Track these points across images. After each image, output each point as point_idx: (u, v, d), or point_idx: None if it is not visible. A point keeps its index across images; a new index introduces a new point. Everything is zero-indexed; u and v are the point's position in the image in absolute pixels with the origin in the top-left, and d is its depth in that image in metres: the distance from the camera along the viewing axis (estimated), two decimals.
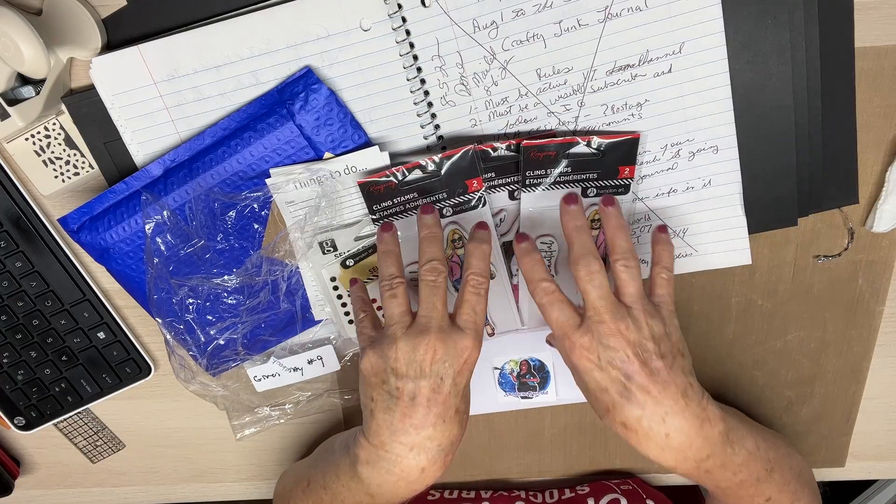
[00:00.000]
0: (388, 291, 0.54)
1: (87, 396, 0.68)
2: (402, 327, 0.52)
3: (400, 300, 0.53)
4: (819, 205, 0.60)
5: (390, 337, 0.52)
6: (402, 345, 0.51)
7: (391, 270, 0.54)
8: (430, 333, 0.51)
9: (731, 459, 0.54)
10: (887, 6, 0.55)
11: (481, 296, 0.53)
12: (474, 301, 0.53)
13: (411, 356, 0.51)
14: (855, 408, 0.71)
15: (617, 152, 0.57)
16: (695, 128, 0.57)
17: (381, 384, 0.52)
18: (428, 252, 0.54)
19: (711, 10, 0.53)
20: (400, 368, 0.51)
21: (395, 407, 0.51)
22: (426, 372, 0.51)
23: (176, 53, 0.54)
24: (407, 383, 0.51)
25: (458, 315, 0.53)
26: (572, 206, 0.54)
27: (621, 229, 0.54)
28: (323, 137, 0.56)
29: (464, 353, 0.51)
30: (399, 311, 0.53)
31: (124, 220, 0.57)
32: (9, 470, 0.74)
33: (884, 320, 0.67)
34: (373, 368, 0.52)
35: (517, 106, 0.56)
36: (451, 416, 0.52)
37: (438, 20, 0.53)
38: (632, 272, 0.52)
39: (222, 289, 0.60)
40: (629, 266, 0.52)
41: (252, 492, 0.78)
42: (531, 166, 0.57)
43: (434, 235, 0.54)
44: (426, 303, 0.52)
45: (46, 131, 0.58)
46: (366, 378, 0.53)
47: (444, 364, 0.51)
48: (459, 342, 0.51)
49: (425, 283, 0.53)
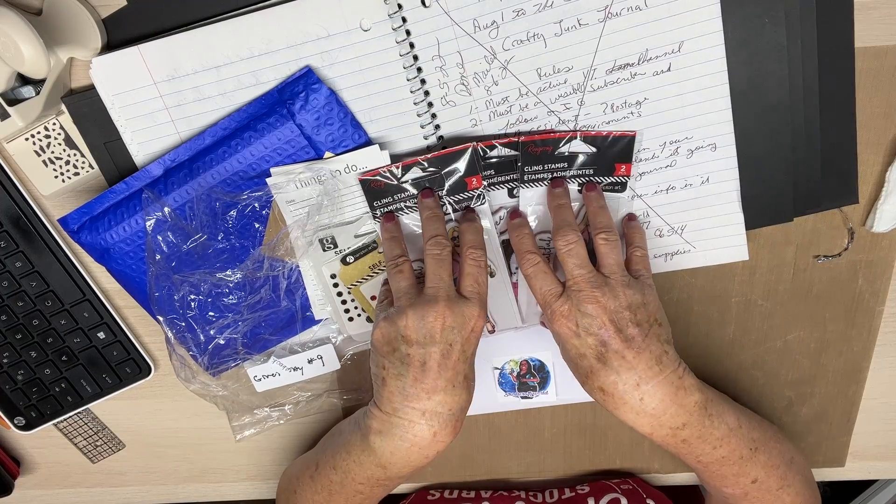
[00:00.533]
0: (394, 269, 0.56)
1: (87, 396, 0.68)
2: (410, 298, 0.54)
3: (406, 275, 0.55)
4: (818, 204, 0.60)
5: (399, 308, 0.54)
6: (412, 313, 0.52)
7: (396, 252, 0.56)
8: (438, 302, 0.52)
9: (710, 432, 0.55)
10: (887, 6, 0.55)
11: (482, 267, 0.55)
12: (476, 272, 0.54)
13: (421, 324, 0.52)
14: (855, 408, 0.71)
15: (613, 149, 0.57)
16: (693, 125, 0.57)
17: (393, 352, 0.53)
18: (431, 228, 0.56)
19: (710, 9, 0.53)
20: (410, 336, 0.52)
21: (406, 373, 0.53)
22: (436, 338, 0.52)
23: (176, 53, 0.54)
24: (418, 349, 0.52)
25: (462, 286, 0.54)
26: (557, 189, 0.57)
27: (602, 209, 0.56)
28: (323, 137, 0.56)
29: (471, 320, 0.53)
30: (406, 284, 0.55)
31: (124, 220, 0.57)
32: (9, 470, 0.74)
33: (884, 320, 0.67)
34: (384, 338, 0.54)
35: (517, 105, 0.56)
36: (460, 382, 0.53)
37: (439, 20, 0.53)
38: (611, 245, 0.55)
39: (224, 285, 0.60)
40: (609, 239, 0.55)
41: (252, 492, 0.78)
42: (529, 162, 0.57)
43: (436, 215, 0.56)
44: (433, 274, 0.54)
45: (46, 131, 0.58)
46: (377, 348, 0.54)
47: (454, 331, 0.52)
48: (466, 310, 0.53)
49: (431, 256, 0.54)
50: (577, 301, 0.53)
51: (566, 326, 0.53)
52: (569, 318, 0.53)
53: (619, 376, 0.53)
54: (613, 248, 0.55)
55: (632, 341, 0.52)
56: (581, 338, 0.53)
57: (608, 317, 0.52)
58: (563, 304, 0.53)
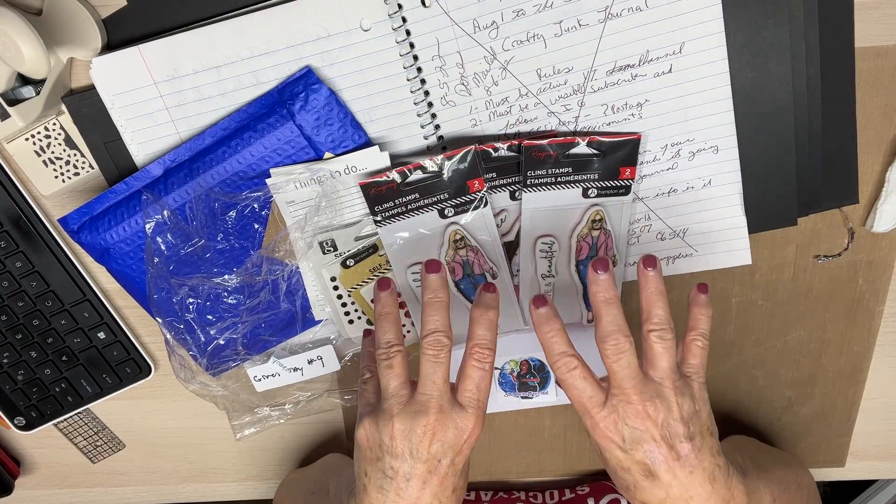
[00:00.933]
0: (384, 361, 0.51)
1: (87, 396, 0.68)
2: (398, 402, 0.50)
3: (397, 371, 0.51)
4: (819, 205, 0.60)
5: (387, 412, 0.50)
6: (399, 423, 0.49)
7: (388, 337, 0.52)
8: (428, 414, 0.49)
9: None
10: (887, 6, 0.55)
11: (486, 371, 0.50)
12: (478, 377, 0.50)
13: (408, 437, 0.49)
14: (855, 408, 0.71)
15: (618, 153, 0.57)
16: (695, 128, 0.57)
17: (376, 461, 0.50)
18: (431, 321, 0.50)
19: (712, 10, 0.53)
20: (395, 448, 0.49)
21: (388, 487, 0.49)
22: (422, 455, 0.49)
23: (176, 53, 0.54)
24: (403, 464, 0.49)
25: (459, 391, 0.50)
26: (601, 276, 0.49)
27: (660, 296, 0.50)
28: (323, 137, 0.56)
29: (464, 433, 0.49)
30: (396, 384, 0.50)
31: (124, 220, 0.57)
32: (9, 470, 0.74)
33: (884, 320, 0.67)
34: (368, 442, 0.50)
35: (517, 106, 0.56)
36: (447, 496, 0.50)
37: (439, 20, 0.53)
38: (666, 345, 0.49)
39: (222, 288, 0.60)
40: (664, 339, 0.49)
41: (252, 492, 0.78)
42: (532, 166, 0.57)
43: (439, 301, 0.51)
44: (426, 379, 0.50)
45: (46, 131, 0.58)
46: (361, 449, 0.51)
47: (443, 445, 0.49)
48: (460, 422, 0.49)
49: (426, 358, 0.50)
50: (623, 414, 0.48)
51: (609, 439, 0.49)
52: (614, 431, 0.49)
53: (669, 494, 0.49)
54: (668, 348, 0.49)
55: (685, 459, 0.48)
56: (627, 453, 0.49)
57: (659, 432, 0.48)
58: (607, 416, 0.49)
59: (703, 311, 0.52)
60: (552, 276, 0.61)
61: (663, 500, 0.49)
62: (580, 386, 0.49)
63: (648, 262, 0.50)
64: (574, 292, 0.62)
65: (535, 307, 0.51)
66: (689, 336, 0.52)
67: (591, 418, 0.49)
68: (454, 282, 0.61)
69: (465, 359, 0.51)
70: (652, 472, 0.49)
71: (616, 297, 0.50)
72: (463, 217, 0.58)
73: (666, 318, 0.49)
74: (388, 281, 0.54)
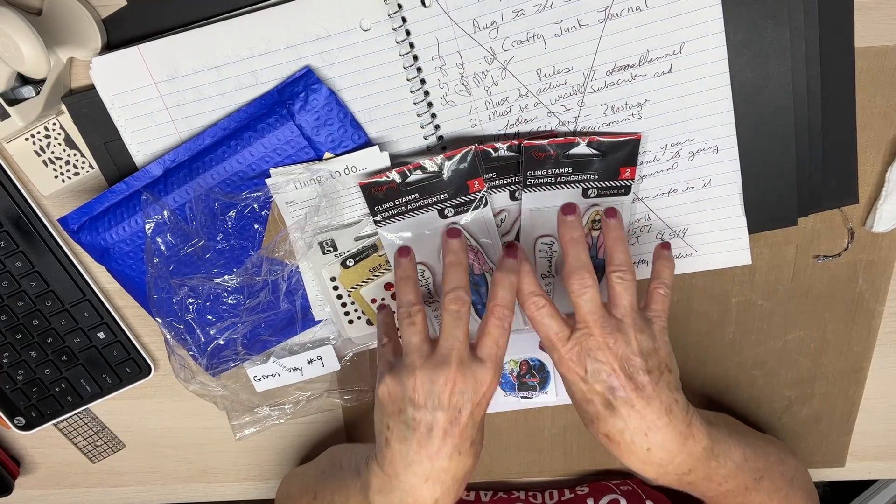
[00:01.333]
0: (406, 319, 0.53)
1: (87, 396, 0.68)
2: (420, 356, 0.51)
3: (419, 327, 0.53)
4: (819, 205, 0.60)
5: (409, 366, 0.51)
6: (421, 375, 0.50)
7: (409, 297, 0.54)
8: (450, 365, 0.50)
9: (716, 472, 0.54)
10: (887, 6, 0.55)
11: (505, 328, 0.52)
12: (497, 334, 0.52)
13: (430, 387, 0.50)
14: (855, 408, 0.71)
15: (618, 153, 0.57)
16: (695, 128, 0.57)
17: (398, 413, 0.51)
18: (453, 279, 0.53)
19: (711, 10, 0.53)
20: (418, 399, 0.50)
21: (411, 437, 0.51)
22: (444, 404, 0.50)
23: (176, 53, 0.54)
24: (425, 414, 0.50)
25: (479, 346, 0.52)
26: (569, 217, 0.54)
27: (621, 241, 0.54)
28: (323, 137, 0.56)
29: (482, 386, 0.51)
30: (418, 339, 0.52)
31: (124, 220, 0.57)
32: (9, 470, 0.74)
33: (884, 320, 0.67)
34: (390, 396, 0.52)
35: (517, 106, 0.56)
36: (466, 449, 0.51)
37: (439, 20, 0.53)
38: (626, 285, 0.53)
39: (222, 289, 0.60)
40: (624, 279, 0.53)
41: (252, 492, 0.78)
42: (532, 166, 0.57)
43: (460, 262, 0.54)
44: (448, 333, 0.51)
45: (46, 131, 0.58)
46: (382, 405, 0.52)
47: (463, 396, 0.50)
48: (479, 375, 0.51)
49: (448, 313, 0.52)
50: (586, 346, 0.51)
51: (574, 371, 0.52)
52: (577, 363, 0.52)
53: (627, 424, 0.51)
54: (628, 288, 0.53)
55: (642, 389, 0.51)
56: (589, 383, 0.52)
57: (619, 364, 0.51)
58: (571, 348, 0.52)
59: (666, 264, 0.56)
60: (552, 276, 0.61)
61: (622, 431, 0.52)
62: (548, 323, 0.53)
63: (610, 213, 0.56)
64: None
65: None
66: (652, 284, 0.56)
67: (557, 352, 0.52)
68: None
69: (486, 317, 0.53)
70: (611, 403, 0.51)
71: (582, 237, 0.54)
72: (463, 217, 0.58)
73: (626, 261, 0.53)
74: (408, 248, 0.56)
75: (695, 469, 0.53)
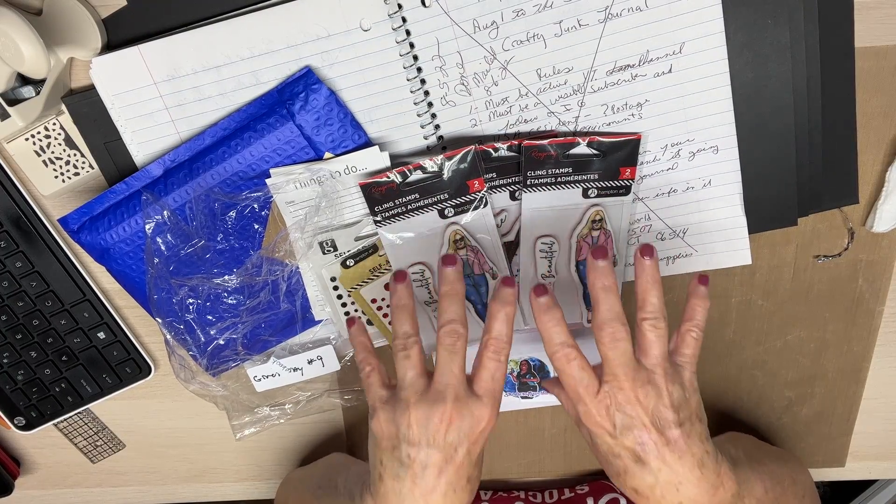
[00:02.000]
0: (401, 352, 0.52)
1: (87, 396, 0.68)
2: (415, 392, 0.50)
3: (414, 362, 0.51)
4: (819, 205, 0.60)
5: (403, 402, 0.50)
6: (416, 412, 0.49)
7: (405, 328, 0.52)
8: (445, 402, 0.49)
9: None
10: (887, 6, 0.55)
11: (501, 362, 0.51)
12: (493, 367, 0.51)
13: (425, 425, 0.49)
14: (855, 408, 0.71)
15: (618, 153, 0.57)
16: (695, 128, 0.57)
17: (392, 449, 0.50)
18: (448, 312, 0.51)
19: (711, 10, 0.53)
20: (413, 437, 0.49)
21: (405, 475, 0.50)
22: (439, 442, 0.49)
23: (176, 53, 0.54)
24: (419, 452, 0.49)
25: (475, 381, 0.51)
26: (600, 263, 0.50)
27: (655, 285, 0.51)
28: (323, 137, 0.56)
29: (480, 423, 0.50)
30: (413, 374, 0.51)
31: (124, 221, 0.57)
32: (9, 470, 0.74)
33: (884, 320, 0.67)
34: (384, 432, 0.51)
35: (517, 106, 0.56)
36: (462, 486, 0.51)
37: (439, 20, 0.53)
38: (659, 333, 0.50)
39: (222, 289, 0.60)
40: (657, 328, 0.50)
41: (252, 492, 0.78)
42: (532, 166, 0.57)
43: (456, 292, 0.52)
44: (443, 368, 0.50)
45: (46, 131, 0.58)
46: (376, 440, 0.52)
47: (459, 434, 0.49)
48: (476, 411, 0.50)
49: (443, 347, 0.51)
50: (616, 400, 0.49)
51: (601, 426, 0.50)
52: (606, 417, 0.50)
53: (658, 479, 0.49)
54: (661, 336, 0.50)
55: (674, 444, 0.49)
56: (617, 438, 0.50)
57: (649, 418, 0.49)
58: (600, 402, 0.50)
59: (701, 304, 0.53)
60: (552, 276, 0.61)
61: (653, 486, 0.50)
62: (577, 375, 0.50)
63: (646, 251, 0.51)
64: (574, 292, 0.62)
65: (536, 296, 0.51)
66: (683, 326, 0.53)
67: (584, 405, 0.50)
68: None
69: (482, 350, 0.51)
70: (641, 458, 0.50)
71: (614, 285, 0.50)
72: (463, 217, 0.58)
73: (659, 307, 0.50)
74: (404, 273, 0.54)
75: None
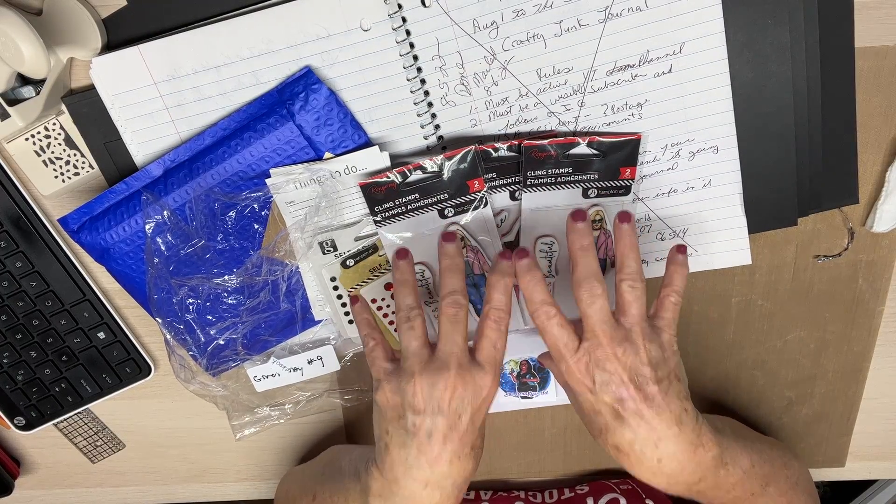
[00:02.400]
0: (405, 323, 0.53)
1: (87, 396, 0.68)
2: (419, 361, 0.51)
3: (418, 332, 0.52)
4: (819, 205, 0.60)
5: (408, 371, 0.51)
6: (421, 380, 0.50)
7: (408, 301, 0.53)
8: (449, 370, 0.50)
9: (725, 480, 0.54)
10: (887, 6, 0.55)
11: (502, 331, 0.52)
12: (495, 337, 0.52)
13: (429, 392, 0.50)
14: (855, 408, 0.71)
15: (618, 153, 0.57)
16: (695, 128, 0.57)
17: (398, 419, 0.51)
18: (449, 283, 0.53)
19: (712, 10, 0.53)
20: (418, 404, 0.50)
21: (411, 443, 0.51)
22: (444, 409, 0.50)
23: (176, 53, 0.54)
24: (425, 420, 0.50)
25: (477, 350, 0.52)
26: (579, 224, 0.53)
27: (633, 248, 0.53)
28: (323, 137, 0.56)
29: (483, 391, 0.51)
30: (417, 344, 0.52)
31: (124, 221, 0.57)
32: (9, 470, 0.74)
33: (884, 320, 0.67)
34: (389, 402, 0.52)
35: (517, 106, 0.56)
36: (466, 454, 0.51)
37: (439, 20, 0.53)
38: (636, 293, 0.51)
39: (222, 289, 0.60)
40: (635, 287, 0.51)
41: (252, 492, 0.78)
42: (532, 166, 0.57)
43: (456, 266, 0.54)
44: (446, 337, 0.51)
45: (46, 131, 0.58)
46: (382, 411, 0.52)
47: (463, 401, 0.50)
48: (479, 379, 0.51)
49: (446, 317, 0.52)
50: (595, 357, 0.50)
51: (582, 383, 0.51)
52: (586, 374, 0.51)
53: (637, 435, 0.50)
54: (638, 297, 0.51)
55: (651, 400, 0.50)
56: (597, 395, 0.51)
57: (628, 374, 0.50)
58: (580, 359, 0.51)
59: (679, 270, 0.54)
60: (552, 276, 0.61)
61: (632, 442, 0.51)
62: (557, 333, 0.51)
63: (623, 217, 0.54)
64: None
65: (518, 258, 0.52)
66: (663, 292, 0.54)
67: (565, 363, 0.51)
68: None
69: (483, 321, 0.52)
70: (621, 414, 0.50)
71: (592, 245, 0.52)
72: (463, 217, 0.58)
73: (637, 269, 0.52)
74: (406, 251, 0.56)
75: (704, 478, 0.53)
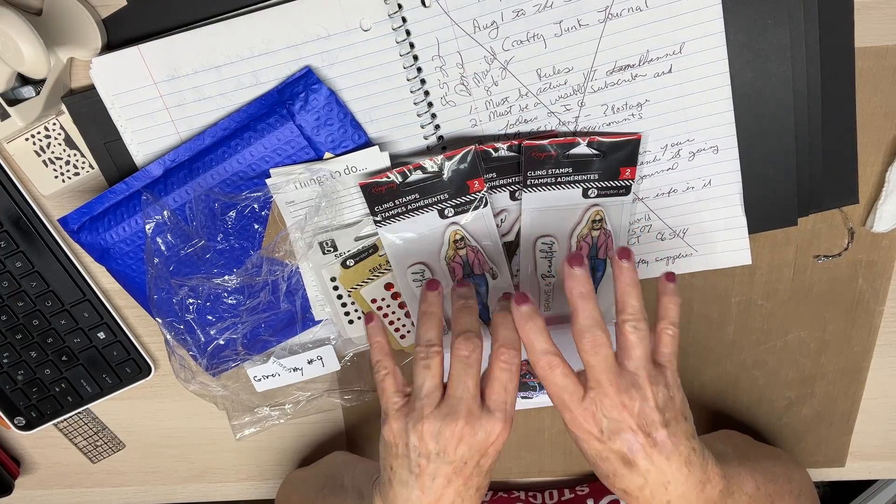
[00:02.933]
0: (422, 360, 0.52)
1: (87, 396, 0.68)
2: (430, 403, 0.51)
3: (434, 371, 0.51)
4: (819, 205, 0.60)
5: (417, 412, 0.51)
6: (429, 425, 0.50)
7: (429, 336, 0.52)
8: (458, 417, 0.49)
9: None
10: (887, 6, 0.55)
11: (513, 372, 0.51)
12: (505, 379, 0.51)
13: (437, 438, 0.50)
14: (855, 408, 0.71)
15: (618, 153, 0.57)
16: (695, 128, 0.57)
17: (403, 457, 0.51)
18: (462, 322, 0.52)
19: (712, 10, 0.53)
20: (423, 447, 0.50)
21: (413, 483, 0.50)
22: (450, 456, 0.50)
23: (176, 53, 0.54)
24: (429, 463, 0.50)
25: (487, 394, 0.51)
26: (577, 270, 0.50)
27: (634, 286, 0.51)
28: (323, 137, 0.56)
29: (491, 437, 0.50)
30: (430, 386, 0.51)
31: (124, 221, 0.57)
32: (9, 470, 0.74)
33: (884, 320, 0.67)
34: (396, 440, 0.51)
35: (517, 106, 0.56)
36: (470, 495, 0.51)
37: (439, 20, 0.53)
38: (640, 334, 0.50)
39: (222, 289, 0.60)
40: (638, 329, 0.50)
41: (252, 492, 0.78)
42: (532, 166, 0.57)
43: (469, 307, 0.53)
44: (457, 381, 0.51)
45: (46, 131, 0.58)
46: (387, 445, 0.52)
47: (471, 448, 0.50)
48: (488, 426, 0.50)
49: (458, 358, 0.51)
50: (601, 406, 0.49)
51: (588, 432, 0.50)
52: (592, 423, 0.50)
53: (647, 480, 0.50)
54: (642, 339, 0.50)
55: (662, 445, 0.49)
56: (605, 443, 0.50)
57: (636, 421, 0.49)
58: (586, 409, 0.50)
59: (672, 300, 0.53)
60: (552, 277, 0.61)
61: (642, 486, 0.50)
62: (561, 383, 0.50)
63: (623, 254, 0.51)
64: None
65: (517, 305, 0.51)
66: (659, 325, 0.52)
67: (570, 412, 0.50)
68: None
69: (493, 362, 0.51)
70: (630, 461, 0.50)
71: (591, 292, 0.50)
72: (463, 217, 0.58)
73: (639, 309, 0.50)
74: (437, 282, 0.55)
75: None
